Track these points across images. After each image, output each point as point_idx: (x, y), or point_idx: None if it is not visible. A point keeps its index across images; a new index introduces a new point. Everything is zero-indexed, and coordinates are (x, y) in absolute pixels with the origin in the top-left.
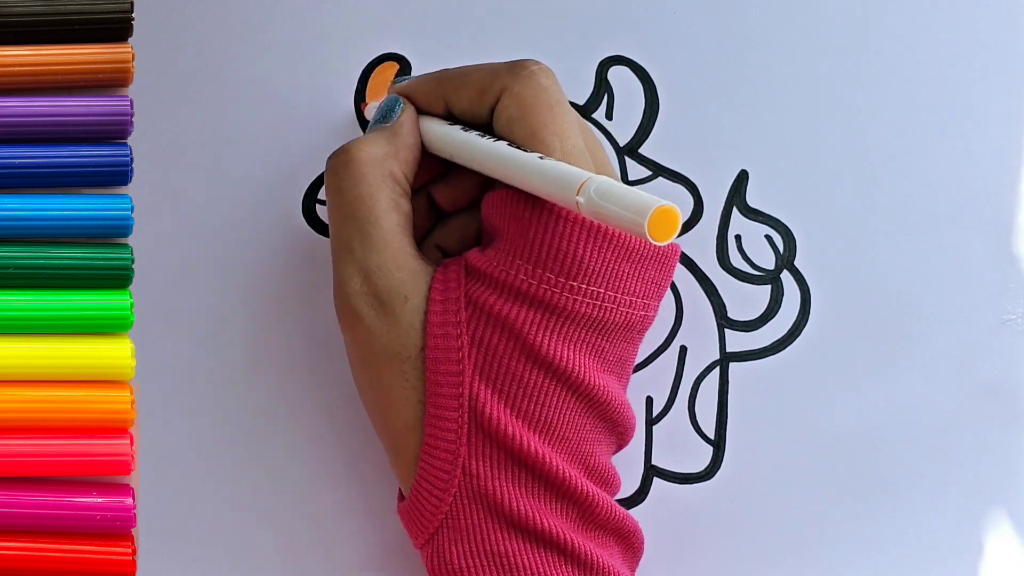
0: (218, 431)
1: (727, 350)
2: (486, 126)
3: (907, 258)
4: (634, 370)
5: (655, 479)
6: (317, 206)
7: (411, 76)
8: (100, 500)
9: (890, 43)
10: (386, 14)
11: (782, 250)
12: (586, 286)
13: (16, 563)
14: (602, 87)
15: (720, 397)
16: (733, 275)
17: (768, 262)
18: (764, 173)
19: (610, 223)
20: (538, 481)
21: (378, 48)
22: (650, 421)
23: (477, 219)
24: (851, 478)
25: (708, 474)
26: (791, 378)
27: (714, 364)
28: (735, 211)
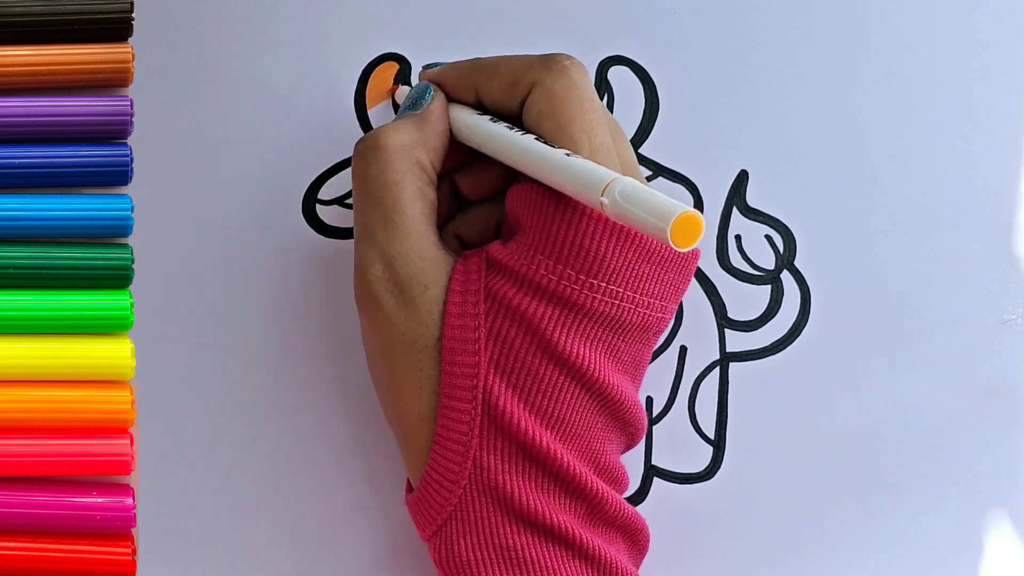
0: (218, 431)
1: (727, 350)
2: (515, 118)
3: (907, 258)
4: None
5: (655, 479)
6: (317, 206)
7: (442, 62)
8: (100, 500)
9: (890, 43)
10: (386, 14)
11: (782, 250)
12: (606, 285)
13: (16, 563)
14: (602, 87)
15: (720, 397)
16: (733, 275)
17: (768, 262)
18: (764, 173)
19: (633, 226)
20: (548, 476)
21: (378, 48)
22: (650, 421)
23: (498, 210)
24: (851, 478)
25: (708, 474)
26: (791, 378)
27: (714, 364)
28: (735, 211)
